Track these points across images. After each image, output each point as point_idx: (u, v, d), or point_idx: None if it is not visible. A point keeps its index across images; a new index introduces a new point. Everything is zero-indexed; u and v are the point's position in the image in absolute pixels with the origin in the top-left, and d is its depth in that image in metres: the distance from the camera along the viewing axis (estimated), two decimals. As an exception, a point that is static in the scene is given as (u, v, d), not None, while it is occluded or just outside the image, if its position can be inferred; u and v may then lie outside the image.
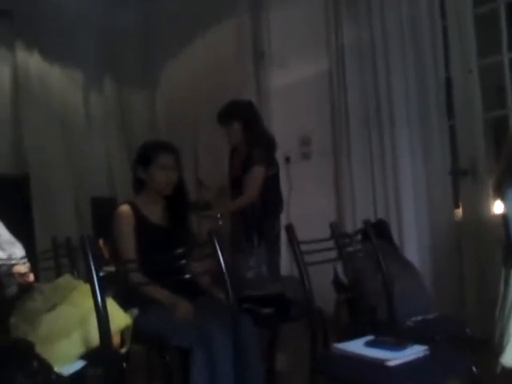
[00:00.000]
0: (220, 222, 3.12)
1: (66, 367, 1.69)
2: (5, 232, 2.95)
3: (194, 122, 4.63)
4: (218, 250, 1.66)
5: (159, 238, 2.24)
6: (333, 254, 2.16)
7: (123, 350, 1.82)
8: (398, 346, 1.64)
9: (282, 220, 3.25)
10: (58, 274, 2.35)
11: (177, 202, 2.33)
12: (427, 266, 3.22)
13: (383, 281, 2.10)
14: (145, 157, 2.31)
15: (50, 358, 1.66)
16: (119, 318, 1.80)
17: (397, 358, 1.58)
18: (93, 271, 1.46)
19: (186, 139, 4.49)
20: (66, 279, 2.05)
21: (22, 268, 2.67)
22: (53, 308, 1.81)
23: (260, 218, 3.10)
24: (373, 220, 2.64)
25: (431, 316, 2.21)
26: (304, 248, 1.95)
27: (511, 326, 1.90)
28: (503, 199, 2.25)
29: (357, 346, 1.71)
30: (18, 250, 2.92)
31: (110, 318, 1.46)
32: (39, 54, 4.52)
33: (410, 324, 2.11)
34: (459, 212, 3.30)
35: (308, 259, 1.93)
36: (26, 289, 2.44)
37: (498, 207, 3.13)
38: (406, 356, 1.60)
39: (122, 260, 2.15)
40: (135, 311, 1.92)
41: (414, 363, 1.59)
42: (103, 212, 2.79)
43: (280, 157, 3.53)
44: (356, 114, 3.63)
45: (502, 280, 2.20)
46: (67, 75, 4.71)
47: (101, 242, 2.30)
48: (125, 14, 4.79)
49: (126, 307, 1.87)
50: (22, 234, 3.08)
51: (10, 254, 2.87)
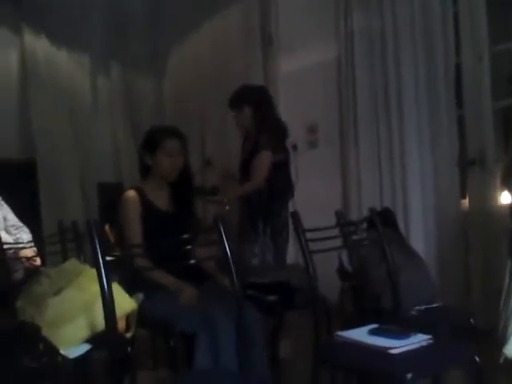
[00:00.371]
0: (227, 207, 3.10)
1: (72, 350, 1.71)
2: (12, 216, 2.97)
3: (201, 107, 4.61)
4: (224, 235, 1.66)
5: (165, 223, 2.24)
6: (338, 242, 2.16)
7: (128, 335, 1.83)
8: (401, 335, 1.64)
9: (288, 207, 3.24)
10: (65, 259, 2.36)
11: (182, 187, 2.34)
12: (433, 256, 3.21)
13: (388, 269, 2.10)
14: (151, 142, 2.31)
15: (56, 341, 1.68)
16: (125, 302, 1.81)
17: (400, 347, 1.58)
18: (99, 256, 1.46)
19: (192, 124, 4.48)
20: (72, 263, 2.06)
21: (29, 252, 2.69)
22: (59, 292, 1.82)
23: (266, 205, 3.07)
24: (379, 209, 2.63)
25: (435, 306, 2.21)
26: (309, 236, 1.95)
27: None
28: (510, 190, 2.23)
29: (360, 334, 1.71)
30: (25, 235, 2.94)
31: (116, 303, 1.47)
32: (47, 38, 4.51)
33: (414, 313, 2.11)
34: (466, 202, 3.28)
35: (313, 247, 1.93)
36: (32, 273, 2.46)
37: (505, 198, 3.12)
38: (409, 344, 1.60)
39: (127, 245, 2.16)
40: (141, 296, 1.94)
41: (418, 352, 1.59)
42: (110, 197, 2.80)
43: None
44: (364, 101, 3.60)
45: (507, 271, 2.20)
46: (74, 59, 4.70)
47: (106, 227, 2.31)
48: (132, -2, 4.77)
49: (131, 292, 1.88)
50: (29, 219, 3.10)
51: (17, 238, 2.89)
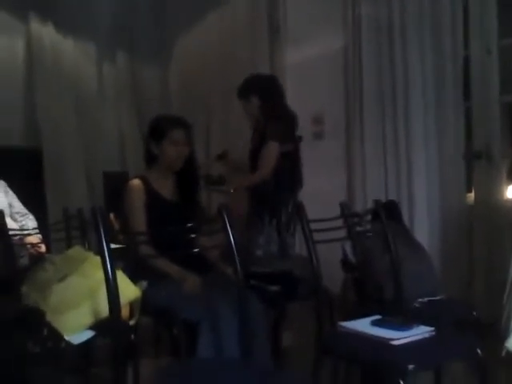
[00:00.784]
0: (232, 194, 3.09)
1: (75, 336, 1.72)
2: (17, 203, 2.99)
3: (207, 96, 4.59)
4: (228, 225, 1.66)
5: (169, 212, 2.25)
6: (342, 233, 2.16)
7: (132, 322, 1.85)
8: (404, 326, 1.64)
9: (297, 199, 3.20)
10: (69, 246, 2.37)
11: (187, 177, 2.34)
12: (437, 248, 3.20)
13: (391, 260, 2.10)
14: (157, 131, 2.31)
15: (60, 327, 1.70)
16: (128, 290, 1.82)
17: (402, 338, 1.59)
18: (103, 243, 1.47)
19: (198, 113, 4.47)
20: (76, 250, 2.07)
21: (34, 239, 2.71)
22: (63, 278, 1.83)
23: (272, 196, 3.03)
24: (384, 201, 2.62)
25: (438, 298, 2.21)
26: (313, 226, 1.95)
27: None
28: (516, 184, 2.22)
29: (363, 325, 1.71)
30: (30, 222, 2.97)
31: (120, 290, 1.48)
32: (53, 25, 4.50)
33: (417, 305, 2.11)
34: (471, 196, 3.27)
35: (317, 238, 1.93)
36: (37, 259, 2.48)
37: (510, 192, 3.10)
38: (411, 336, 1.61)
39: (132, 233, 2.17)
40: (144, 284, 1.95)
41: (420, 343, 1.60)
42: (115, 186, 2.80)
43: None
44: (370, 93, 3.57)
45: (511, 265, 2.19)
46: (80, 48, 4.69)
47: (111, 216, 2.32)
48: (139, -14, 4.75)
49: (135, 280, 1.89)
50: (34, 206, 3.11)
51: (23, 225, 2.91)
